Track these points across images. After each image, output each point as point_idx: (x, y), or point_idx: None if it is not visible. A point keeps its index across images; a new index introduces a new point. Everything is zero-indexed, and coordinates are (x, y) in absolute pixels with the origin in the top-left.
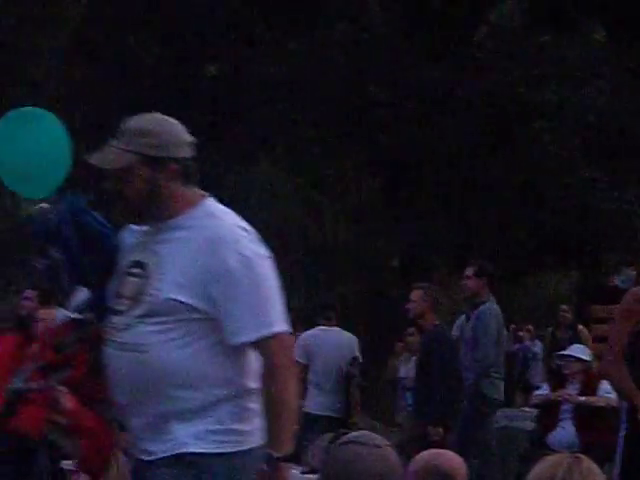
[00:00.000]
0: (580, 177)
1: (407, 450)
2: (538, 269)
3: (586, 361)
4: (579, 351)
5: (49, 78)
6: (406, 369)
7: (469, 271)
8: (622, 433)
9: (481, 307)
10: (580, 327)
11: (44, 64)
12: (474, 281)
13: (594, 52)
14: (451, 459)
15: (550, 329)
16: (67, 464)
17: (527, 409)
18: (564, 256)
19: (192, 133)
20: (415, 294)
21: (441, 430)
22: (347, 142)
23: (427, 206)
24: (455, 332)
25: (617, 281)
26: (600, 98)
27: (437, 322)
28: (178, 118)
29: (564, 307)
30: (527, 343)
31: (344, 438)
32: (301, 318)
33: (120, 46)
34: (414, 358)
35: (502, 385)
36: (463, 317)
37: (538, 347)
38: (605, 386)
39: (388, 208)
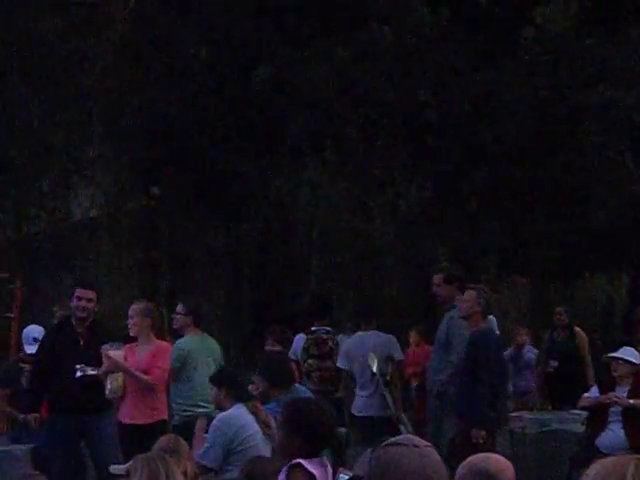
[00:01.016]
0: (630, 175)
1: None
2: (589, 272)
3: (636, 364)
4: (629, 353)
5: (97, 81)
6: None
7: (437, 279)
8: None
9: (453, 311)
10: (577, 329)
11: (92, 69)
12: (444, 288)
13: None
14: (498, 461)
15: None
16: None
17: (577, 412)
18: (615, 258)
19: (240, 137)
20: (468, 294)
21: (484, 433)
22: (395, 144)
23: (476, 209)
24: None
25: None
26: None
27: (485, 325)
28: (227, 121)
29: (559, 309)
30: (527, 348)
31: (387, 442)
32: (351, 320)
33: (167, 49)
34: None
35: None
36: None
37: (532, 353)
38: None
39: (437, 211)
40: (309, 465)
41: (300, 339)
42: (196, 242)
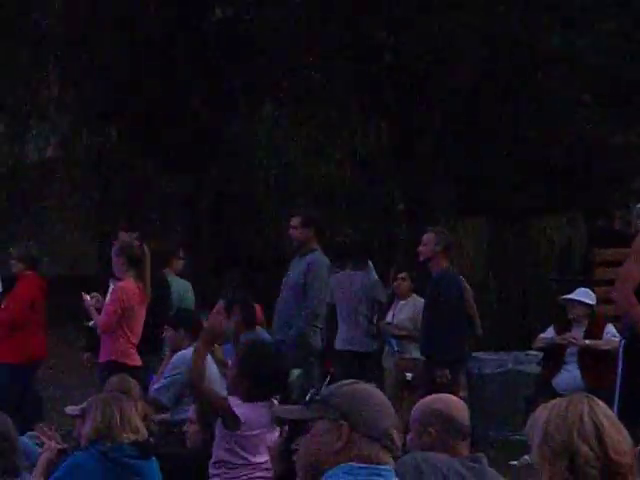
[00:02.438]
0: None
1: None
2: (546, 213)
3: (591, 305)
4: (585, 295)
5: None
6: (393, 314)
7: (295, 221)
8: (620, 369)
9: (310, 256)
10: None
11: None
12: (301, 231)
13: None
14: (453, 402)
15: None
16: None
17: (533, 352)
18: (572, 199)
19: (197, 78)
20: (427, 237)
21: (448, 372)
22: (353, 87)
23: (432, 151)
24: None
25: (622, 223)
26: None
27: (446, 266)
28: (183, 62)
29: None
30: None
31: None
32: None
33: None
34: (402, 303)
35: (319, 334)
36: None
37: None
38: (610, 329)
39: (393, 153)
40: (237, 406)
41: None
42: (151, 185)
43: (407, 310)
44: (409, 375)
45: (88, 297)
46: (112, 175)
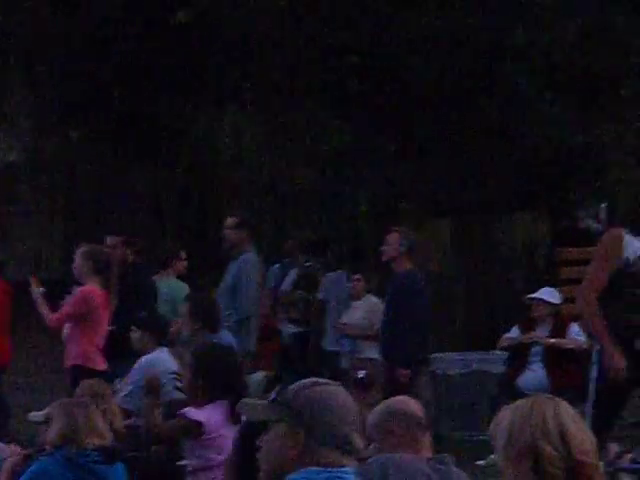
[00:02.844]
0: (551, 114)
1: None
2: (510, 212)
3: (555, 304)
4: (549, 294)
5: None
6: (348, 314)
7: (230, 222)
8: (594, 374)
9: (243, 257)
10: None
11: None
12: (234, 232)
13: None
14: (411, 403)
15: None
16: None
17: (498, 352)
18: (536, 198)
19: (160, 81)
20: (391, 237)
21: (408, 372)
22: (317, 88)
23: (396, 152)
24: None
25: (586, 223)
26: (568, 37)
27: (410, 266)
28: (147, 66)
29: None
30: None
31: (306, 382)
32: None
33: None
34: (357, 303)
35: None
36: (277, 266)
37: None
38: (574, 328)
39: (357, 155)
40: (194, 413)
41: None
42: (116, 186)
43: (361, 310)
44: (361, 373)
45: (38, 288)
46: (77, 178)
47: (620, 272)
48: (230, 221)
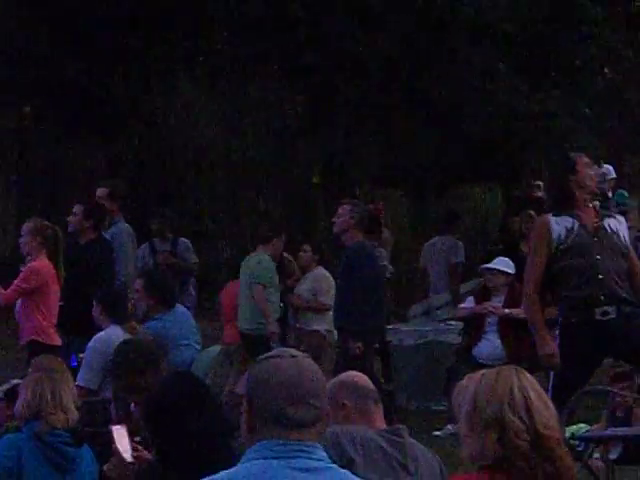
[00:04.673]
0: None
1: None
2: (464, 183)
3: (510, 274)
4: (503, 264)
5: None
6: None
7: (101, 192)
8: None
9: (114, 227)
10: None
11: None
12: (108, 202)
13: None
14: (352, 373)
15: None
16: None
17: (453, 322)
18: (488, 168)
19: (113, 53)
20: (342, 209)
21: (361, 344)
22: (270, 60)
23: (349, 123)
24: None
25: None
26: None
27: (360, 239)
28: (98, 38)
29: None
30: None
31: (262, 356)
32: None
33: None
34: (307, 275)
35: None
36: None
37: None
38: None
39: (310, 125)
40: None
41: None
42: (71, 162)
43: (308, 282)
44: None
45: None
46: (30, 155)
47: (557, 251)
48: (101, 190)
